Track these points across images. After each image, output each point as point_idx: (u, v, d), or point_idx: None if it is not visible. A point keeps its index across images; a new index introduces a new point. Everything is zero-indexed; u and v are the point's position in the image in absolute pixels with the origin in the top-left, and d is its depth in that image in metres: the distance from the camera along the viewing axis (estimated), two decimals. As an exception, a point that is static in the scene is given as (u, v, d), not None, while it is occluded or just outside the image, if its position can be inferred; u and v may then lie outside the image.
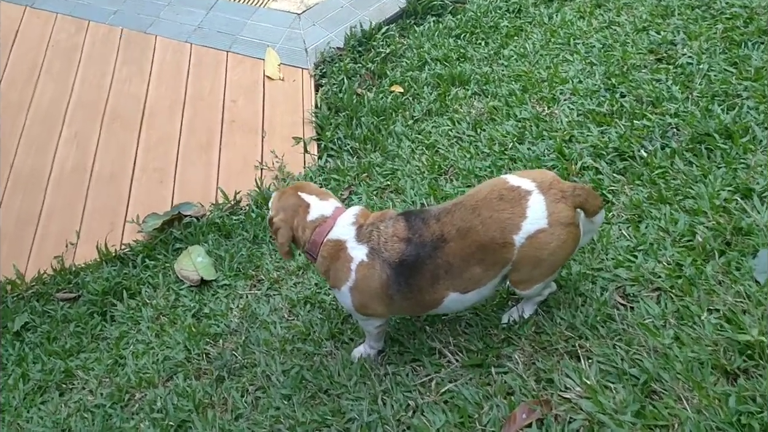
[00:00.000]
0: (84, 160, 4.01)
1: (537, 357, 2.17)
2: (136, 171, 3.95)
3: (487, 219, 1.98)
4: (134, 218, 3.70)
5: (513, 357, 2.20)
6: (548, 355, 2.16)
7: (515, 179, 2.04)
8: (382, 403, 2.26)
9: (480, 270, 2.03)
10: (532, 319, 2.30)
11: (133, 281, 3.39)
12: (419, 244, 2.03)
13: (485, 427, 2.03)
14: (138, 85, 4.38)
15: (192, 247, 3.49)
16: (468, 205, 2.03)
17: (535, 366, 2.14)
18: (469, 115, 3.69)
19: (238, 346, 2.80)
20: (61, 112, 4.25)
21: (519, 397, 2.05)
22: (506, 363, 2.20)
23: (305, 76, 4.36)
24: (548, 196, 1.98)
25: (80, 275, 3.47)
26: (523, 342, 2.24)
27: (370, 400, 2.28)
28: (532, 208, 1.97)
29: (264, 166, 3.91)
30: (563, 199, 1.98)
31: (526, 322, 2.29)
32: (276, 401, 2.43)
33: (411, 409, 2.20)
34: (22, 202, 3.84)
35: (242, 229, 3.56)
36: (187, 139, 4.10)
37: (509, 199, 1.99)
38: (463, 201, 2.05)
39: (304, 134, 4.04)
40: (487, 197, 2.01)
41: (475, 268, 2.02)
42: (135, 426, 2.55)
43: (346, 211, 2.18)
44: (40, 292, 3.43)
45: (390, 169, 3.58)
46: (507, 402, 2.05)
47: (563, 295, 2.33)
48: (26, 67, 4.53)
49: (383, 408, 2.23)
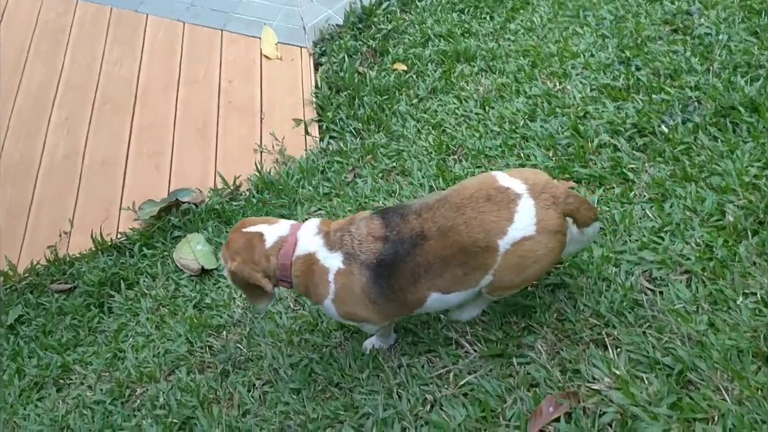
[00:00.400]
0: (75, 146, 3.86)
1: (561, 346, 2.05)
2: (130, 156, 3.80)
3: (471, 219, 1.85)
4: (130, 206, 3.56)
5: (535, 346, 2.08)
6: (573, 344, 2.04)
7: (506, 179, 1.90)
8: (398, 397, 2.14)
9: (461, 272, 1.90)
10: (553, 306, 2.18)
11: (131, 271, 3.26)
12: (397, 242, 1.90)
13: (509, 421, 1.91)
14: (129, 66, 4.22)
15: (191, 235, 3.36)
16: (452, 202, 1.90)
17: (560, 356, 2.02)
18: (477, 93, 3.55)
19: (243, 338, 2.68)
20: (50, 97, 4.09)
21: (544, 389, 1.94)
22: (528, 353, 2.08)
23: (304, 55, 4.20)
24: (539, 202, 1.85)
25: (75, 265, 3.34)
26: (545, 330, 2.12)
27: (385, 393, 2.16)
28: (521, 213, 1.84)
29: (264, 149, 3.77)
30: (554, 206, 1.85)
31: (548, 308, 2.16)
32: (285, 396, 2.32)
33: (428, 403, 2.08)
34: (12, 192, 3.69)
35: (243, 215, 3.42)
36: (182, 123, 3.94)
37: (497, 201, 1.86)
38: (447, 197, 1.92)
39: (305, 115, 3.90)
40: (474, 196, 1.89)
41: (456, 270, 1.90)
42: (137, 423, 2.44)
43: (305, 224, 2.05)
44: (34, 284, 3.30)
45: (395, 150, 3.44)
46: (531, 395, 1.94)
47: (585, 279, 2.21)
48: (13, 50, 4.36)
49: (399, 402, 2.12)
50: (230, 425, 2.30)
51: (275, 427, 2.23)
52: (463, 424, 1.96)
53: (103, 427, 2.48)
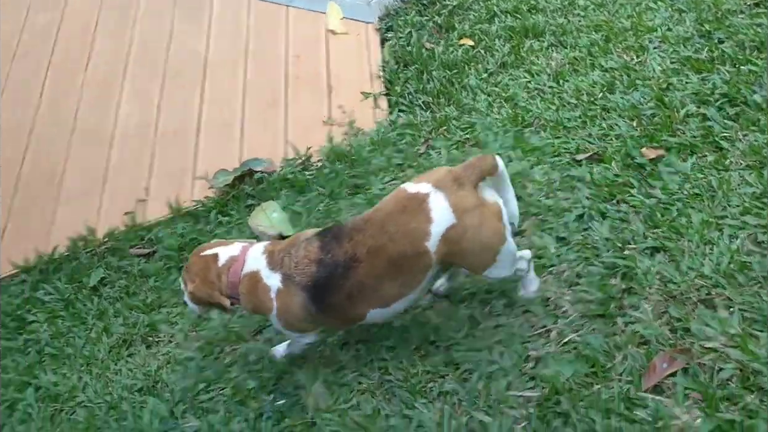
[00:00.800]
0: (147, 117, 3.92)
1: (667, 305, 2.07)
2: (201, 127, 3.85)
3: (395, 235, 1.97)
4: (203, 175, 3.61)
5: (640, 306, 2.10)
6: (680, 304, 2.06)
7: (412, 186, 2.03)
8: (499, 355, 2.17)
9: (398, 285, 2.03)
10: (653, 268, 2.19)
11: (208, 237, 3.31)
12: (331, 265, 2.02)
13: (621, 376, 1.93)
14: (197, 41, 4.27)
15: (266, 203, 3.40)
16: (376, 221, 2.01)
17: (667, 315, 2.04)
18: (549, 67, 3.55)
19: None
20: (120, 70, 4.15)
21: (655, 346, 1.95)
22: (632, 312, 2.10)
23: (369, 31, 4.22)
24: (446, 191, 1.96)
25: (153, 231, 3.40)
26: (648, 291, 2.14)
27: (486, 351, 2.19)
28: (435, 209, 1.95)
29: (333, 122, 3.80)
30: (461, 186, 1.96)
31: (648, 271, 2.17)
32: (381, 353, 2.35)
33: (532, 359, 2.11)
34: (88, 160, 3.75)
35: (316, 185, 3.46)
36: (251, 96, 3.99)
37: (411, 209, 1.97)
38: (372, 217, 2.04)
39: (373, 89, 3.92)
40: (392, 212, 2.01)
41: (392, 284, 2.03)
42: (233, 377, 2.48)
43: (255, 245, 2.18)
44: (114, 248, 3.36)
45: (467, 123, 3.45)
46: (643, 351, 1.95)
47: (686, 243, 2.22)
48: (79, 26, 4.42)
49: (500, 359, 2.14)
50: (327, 380, 2.34)
51: (374, 382, 2.27)
52: (572, 379, 1.98)
53: (197, 381, 2.53)
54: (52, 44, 4.29)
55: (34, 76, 4.13)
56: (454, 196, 1.94)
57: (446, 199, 1.94)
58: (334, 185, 3.42)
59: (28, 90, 4.04)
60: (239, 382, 2.43)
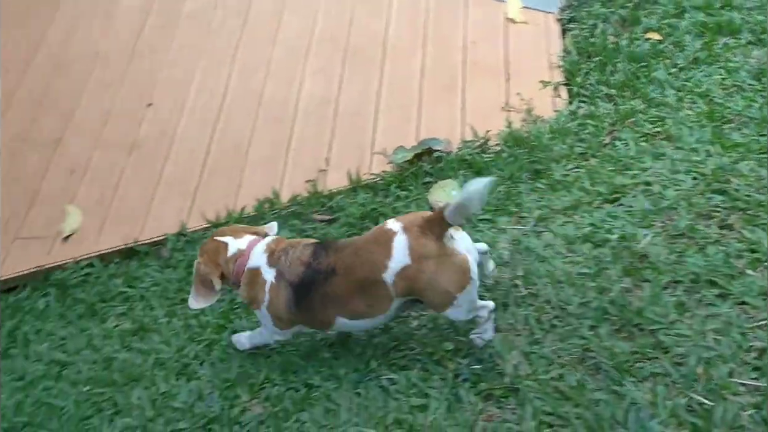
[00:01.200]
0: (328, 94, 4.08)
1: None
2: (380, 106, 3.97)
3: (363, 260, 2.28)
4: (382, 150, 3.72)
5: None
6: None
7: (391, 223, 2.31)
8: (715, 342, 2.10)
9: (363, 304, 2.33)
10: None
11: (388, 208, 3.41)
12: (316, 271, 2.34)
13: None
14: (377, 22, 4.40)
15: (444, 181, 3.47)
16: (356, 245, 2.36)
17: None
18: (747, 64, 3.41)
19: (516, 277, 2.73)
20: (305, 46, 4.34)
21: None
22: None
23: (550, 20, 4.21)
24: (410, 234, 2.22)
25: (334, 199, 3.53)
26: None
27: (699, 337, 2.13)
28: (396, 248, 2.22)
29: (511, 108, 3.81)
30: (424, 234, 2.20)
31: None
32: (581, 330, 2.34)
33: (755, 350, 2.03)
34: (272, 131, 3.95)
35: (495, 167, 3.48)
36: (428, 79, 4.07)
37: (381, 242, 2.26)
38: (355, 241, 2.41)
39: (552, 78, 3.90)
40: (368, 240, 2.33)
41: (359, 302, 2.32)
42: (425, 340, 2.54)
43: (260, 242, 2.47)
44: (297, 212, 3.53)
45: (656, 117, 3.38)
46: None
47: None
48: (269, 4, 4.65)
49: (718, 346, 2.08)
50: (524, 351, 2.36)
51: (575, 356, 2.26)
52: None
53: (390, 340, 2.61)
54: (242, 22, 4.54)
55: (225, 52, 4.38)
56: (416, 242, 2.20)
57: (407, 241, 2.21)
58: (514, 169, 3.43)
59: (221, 63, 4.30)
60: (434, 343, 2.49)
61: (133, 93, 4.21)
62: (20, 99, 4.20)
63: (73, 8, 4.74)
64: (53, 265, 3.38)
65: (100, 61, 4.40)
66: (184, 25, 4.57)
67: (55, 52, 4.48)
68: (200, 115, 4.08)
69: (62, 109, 4.09)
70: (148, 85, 4.25)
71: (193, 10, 4.65)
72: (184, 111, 4.10)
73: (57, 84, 4.30)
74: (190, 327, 2.97)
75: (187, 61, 4.36)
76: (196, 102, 4.15)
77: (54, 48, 4.51)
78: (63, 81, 4.32)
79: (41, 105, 4.19)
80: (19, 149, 3.81)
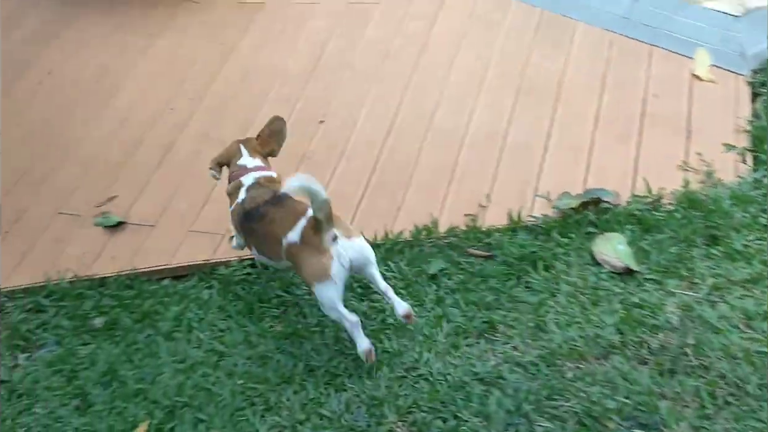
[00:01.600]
0: (498, 128, 4.08)
1: None
2: (549, 146, 3.92)
3: (279, 221, 2.90)
4: (545, 193, 3.66)
5: None
6: None
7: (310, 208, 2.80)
8: None
9: (266, 247, 3.02)
10: None
11: (548, 253, 3.34)
12: (258, 210, 3.00)
13: None
14: (554, 64, 4.37)
15: (611, 234, 3.36)
16: (286, 208, 2.91)
17: None
18: None
19: (686, 345, 2.59)
20: (478, 79, 4.38)
21: None
22: None
23: (740, 82, 4.01)
24: (308, 222, 2.77)
25: (491, 236, 3.50)
26: None
27: None
28: (298, 226, 2.81)
29: (689, 167, 3.64)
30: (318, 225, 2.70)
31: None
32: (759, 413, 2.17)
33: None
34: (438, 157, 4.00)
35: (667, 227, 3.33)
36: (602, 125, 3.99)
37: (295, 214, 2.85)
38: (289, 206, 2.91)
39: (737, 142, 3.70)
40: (294, 210, 2.88)
41: (270, 246, 2.97)
42: (582, 393, 2.46)
43: (258, 172, 3.14)
44: (454, 244, 3.52)
45: None
46: None
47: None
48: (447, 35, 4.73)
49: None
50: (693, 425, 2.22)
51: None
52: None
53: (543, 387, 2.55)
54: (420, 50, 4.65)
55: (399, 78, 4.50)
56: (308, 229, 2.76)
57: (305, 224, 2.79)
58: (688, 232, 3.28)
59: (395, 88, 4.42)
60: (594, 398, 2.39)
61: (307, 109, 4.39)
62: (208, 105, 4.52)
63: (264, 23, 5.06)
64: (219, 260, 3.57)
65: (280, 77, 4.64)
66: (364, 49, 4.74)
67: (243, 64, 4.78)
68: (369, 134, 4.19)
69: (242, 117, 4.34)
70: (322, 103, 4.42)
71: (374, 36, 4.81)
72: (354, 129, 4.23)
73: (241, 93, 4.59)
74: (340, 340, 3.03)
75: (362, 83, 4.51)
76: (366, 122, 4.27)
77: (242, 60, 4.82)
78: (246, 91, 4.60)
79: (226, 110, 4.47)
80: (202, 149, 4.08)
